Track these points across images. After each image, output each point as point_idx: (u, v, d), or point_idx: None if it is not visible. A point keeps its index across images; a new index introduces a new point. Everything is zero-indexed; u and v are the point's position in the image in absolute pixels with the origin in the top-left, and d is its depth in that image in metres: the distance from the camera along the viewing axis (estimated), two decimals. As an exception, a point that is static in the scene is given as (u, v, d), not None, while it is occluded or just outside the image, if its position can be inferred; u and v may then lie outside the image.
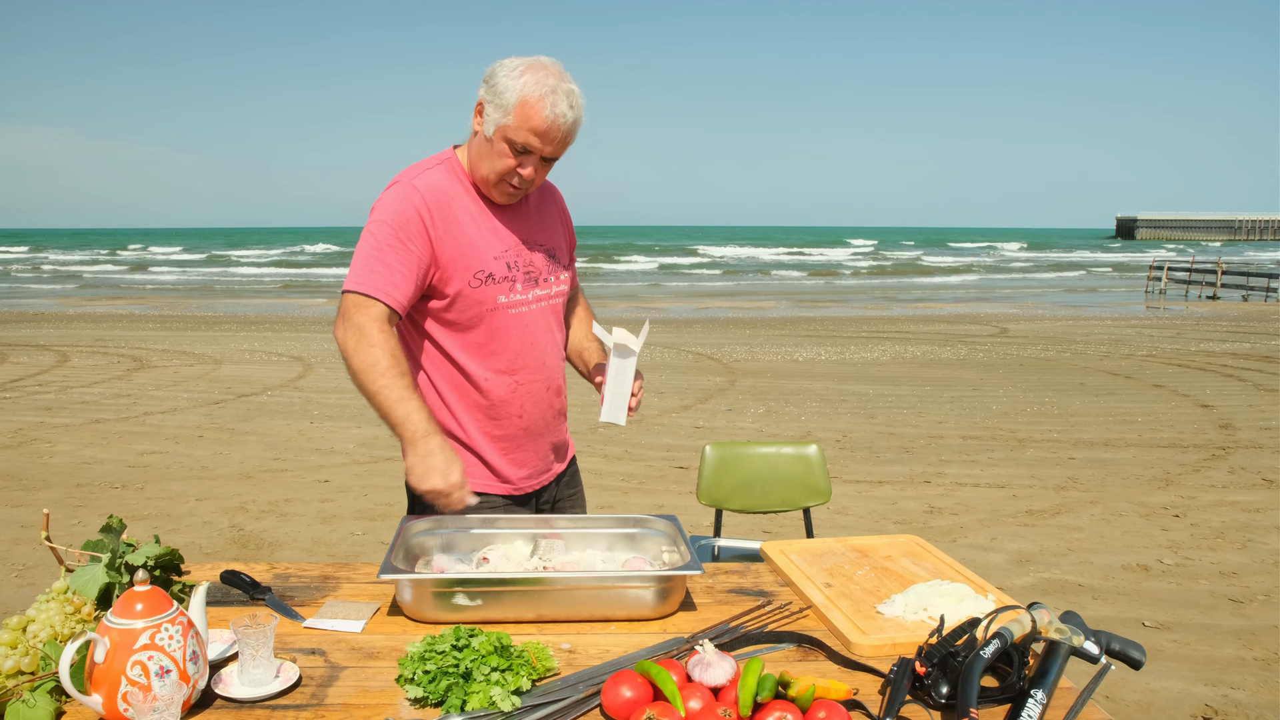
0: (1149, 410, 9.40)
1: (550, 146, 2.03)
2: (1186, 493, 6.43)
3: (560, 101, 1.98)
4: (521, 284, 2.18)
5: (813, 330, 17.77)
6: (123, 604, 1.40)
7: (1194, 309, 23.41)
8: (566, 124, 2.01)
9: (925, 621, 1.74)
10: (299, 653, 1.64)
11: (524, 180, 2.08)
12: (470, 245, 2.11)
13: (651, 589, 1.79)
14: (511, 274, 2.16)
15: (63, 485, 6.55)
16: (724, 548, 3.36)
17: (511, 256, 2.17)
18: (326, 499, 6.25)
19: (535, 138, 2.00)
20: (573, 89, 2.02)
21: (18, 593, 4.60)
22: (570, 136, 2.06)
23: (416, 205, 2.07)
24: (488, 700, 1.43)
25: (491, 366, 2.18)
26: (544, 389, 2.27)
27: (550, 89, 1.98)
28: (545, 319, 2.24)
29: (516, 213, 2.22)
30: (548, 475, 2.38)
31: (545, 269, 2.24)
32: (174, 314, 21.84)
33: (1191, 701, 3.55)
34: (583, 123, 2.07)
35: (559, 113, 1.99)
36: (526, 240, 2.21)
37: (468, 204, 2.14)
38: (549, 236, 2.28)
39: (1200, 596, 4.58)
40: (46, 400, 9.89)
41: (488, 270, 2.12)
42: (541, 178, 2.12)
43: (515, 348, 2.19)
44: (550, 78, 1.99)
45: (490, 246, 2.14)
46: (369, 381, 1.98)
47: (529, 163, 2.05)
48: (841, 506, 6.08)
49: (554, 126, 2.00)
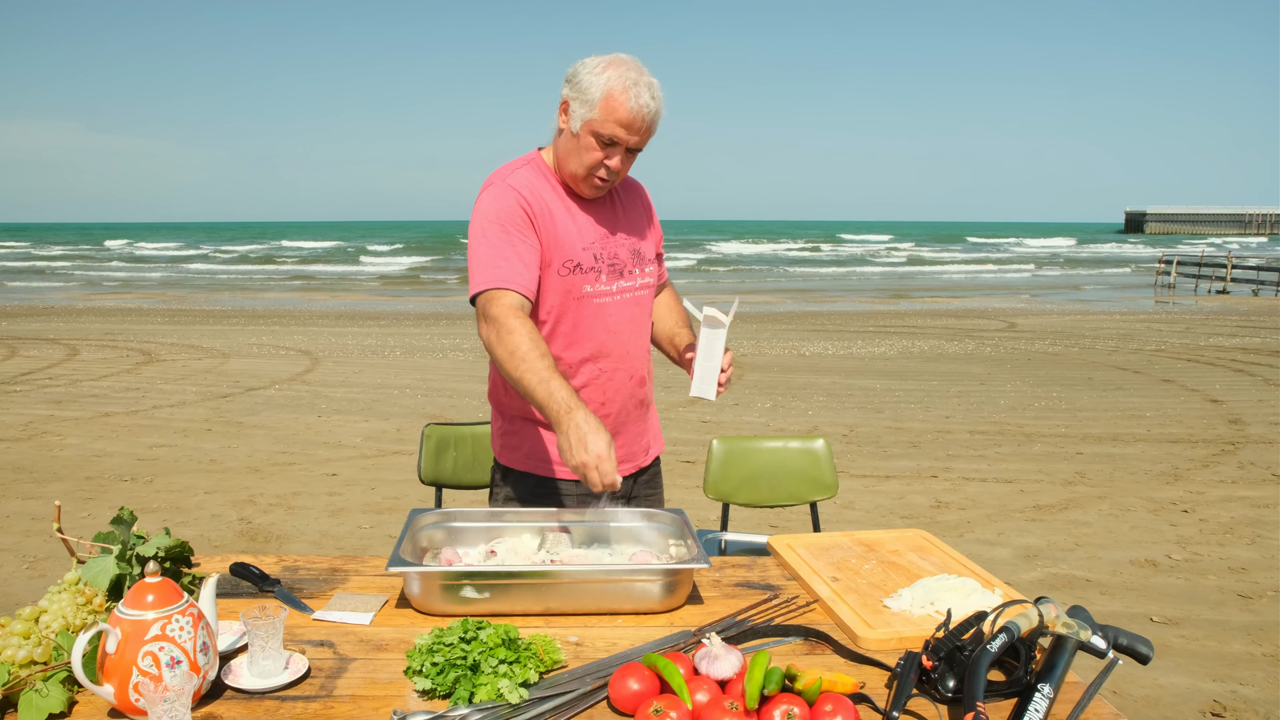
0: (1158, 405, 9.37)
1: (636, 136, 2.10)
2: (1195, 488, 6.41)
3: (643, 93, 2.06)
4: (606, 275, 2.25)
5: (820, 325, 17.74)
6: (134, 595, 1.41)
7: (1203, 303, 23.31)
8: (650, 114, 2.08)
9: (932, 615, 1.75)
10: (308, 644, 1.65)
11: (611, 172, 2.14)
12: (562, 236, 2.19)
13: (659, 582, 1.80)
14: (598, 265, 2.23)
15: (73, 478, 6.58)
16: (731, 542, 3.37)
17: (597, 249, 2.24)
18: (334, 492, 6.27)
19: (621, 129, 2.07)
20: (653, 81, 2.09)
21: (29, 584, 4.63)
22: (653, 127, 2.12)
23: (516, 200, 2.16)
24: (495, 692, 1.43)
25: (576, 355, 2.24)
26: (626, 378, 2.32)
27: (633, 81, 2.05)
28: (629, 310, 2.30)
29: (603, 209, 2.28)
30: (629, 466, 2.40)
31: (629, 262, 2.30)
32: (182, 308, 21.91)
33: (1200, 697, 3.55)
34: (663, 114, 2.13)
35: (643, 103, 2.05)
36: (612, 235, 2.28)
37: (557, 199, 2.22)
38: (634, 232, 2.34)
39: (1209, 592, 4.57)
40: (56, 394, 9.94)
41: (575, 260, 2.20)
42: (627, 169, 2.19)
43: (599, 336, 2.25)
44: (631, 71, 2.07)
45: (578, 238, 2.21)
46: (512, 369, 1.98)
47: (615, 154, 2.12)
48: (848, 501, 6.08)
49: (638, 117, 2.06)
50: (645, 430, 2.46)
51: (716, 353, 2.21)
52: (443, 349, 13.70)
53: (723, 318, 2.19)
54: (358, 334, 15.80)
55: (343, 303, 23.96)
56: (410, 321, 18.31)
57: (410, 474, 6.62)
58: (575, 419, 1.87)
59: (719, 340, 2.20)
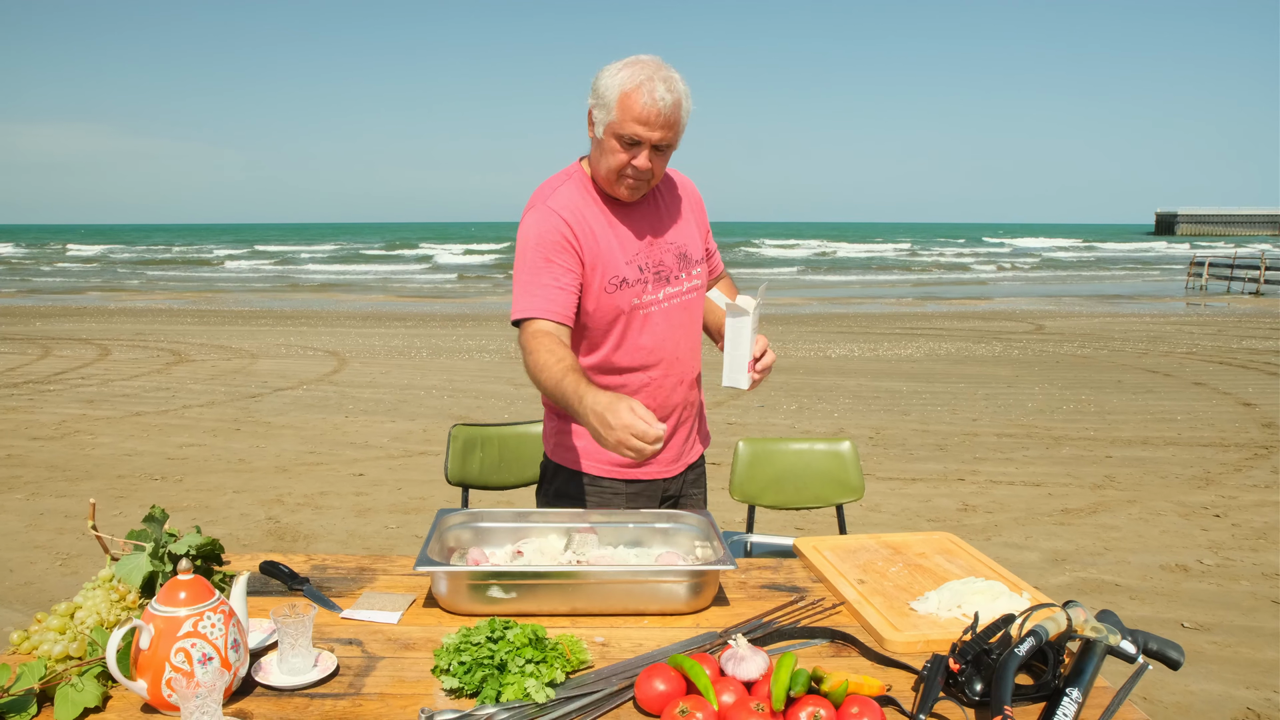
0: (1189, 408, 9.26)
1: (657, 132, 2.08)
2: (1228, 492, 6.32)
3: (657, 87, 2.04)
4: (653, 284, 2.25)
5: (845, 326, 17.66)
6: (167, 592, 1.43)
7: (1236, 305, 22.99)
8: (666, 107, 2.05)
9: (959, 619, 1.74)
10: (337, 642, 1.66)
11: (640, 172, 2.13)
12: (606, 253, 2.20)
13: (685, 583, 1.80)
14: (644, 275, 2.24)
15: (104, 476, 6.67)
16: (757, 543, 3.36)
17: (643, 259, 2.24)
18: (361, 492, 6.31)
19: (639, 126, 2.06)
20: (671, 75, 2.07)
21: (62, 580, 4.70)
22: (674, 120, 2.09)
23: (556, 224, 2.17)
24: (522, 692, 1.44)
25: (627, 364, 2.27)
26: (677, 383, 2.34)
27: (646, 77, 2.05)
28: (678, 316, 2.31)
29: (645, 215, 2.28)
30: (678, 465, 2.42)
31: (675, 267, 2.29)
32: (211, 308, 22.14)
33: (1233, 704, 3.50)
34: (689, 108, 2.12)
35: (657, 97, 2.04)
36: (656, 241, 2.28)
37: (598, 214, 2.23)
38: (679, 235, 2.33)
39: (1242, 598, 4.51)
40: (88, 393, 10.07)
41: (621, 275, 2.21)
42: (661, 168, 2.16)
43: (649, 346, 2.27)
44: (645, 68, 2.06)
45: (623, 252, 2.22)
46: (542, 381, 2.04)
47: (640, 153, 2.10)
48: (874, 503, 6.05)
49: (653, 111, 2.05)
50: (695, 430, 2.48)
51: (744, 340, 2.17)
52: (469, 350, 13.77)
53: (747, 305, 2.15)
54: (384, 335, 15.91)
55: (369, 304, 24.13)
56: (437, 323, 18.41)
57: (436, 474, 6.66)
58: (586, 404, 1.86)
59: (745, 328, 2.16)
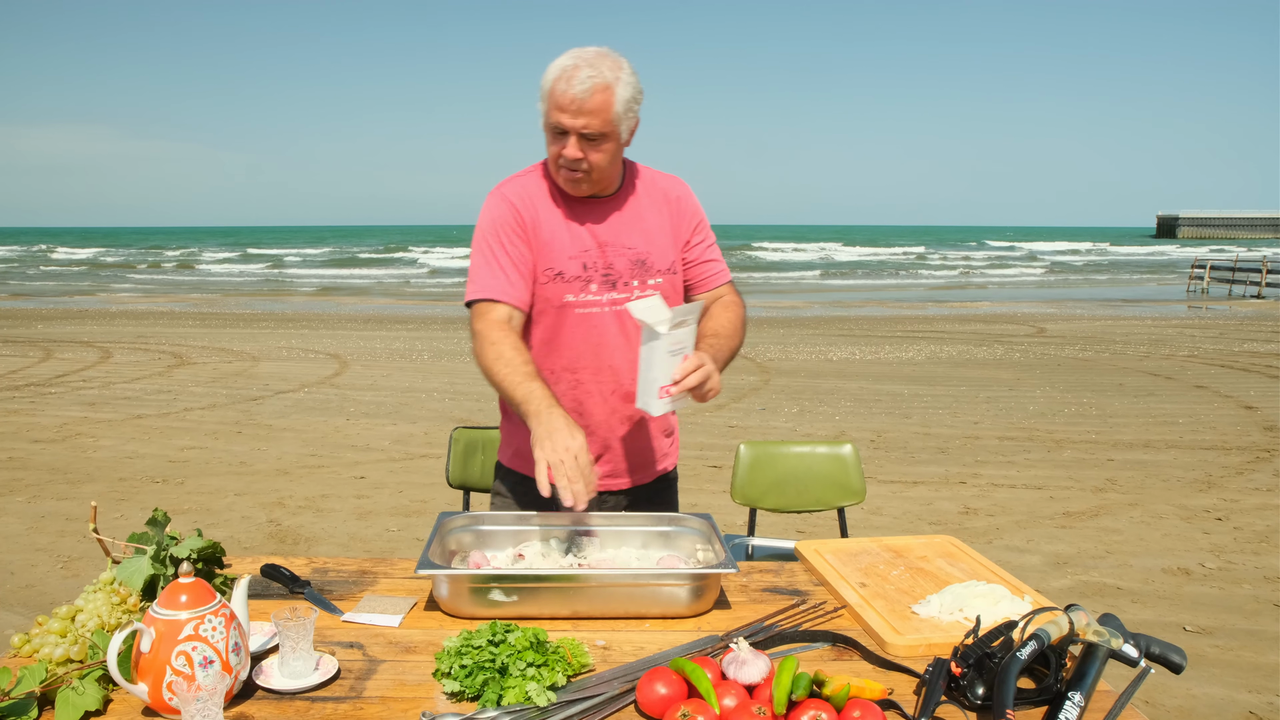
0: (1190, 411, 9.25)
1: (580, 119, 2.01)
2: (1229, 495, 6.32)
3: (580, 73, 1.98)
4: (598, 285, 2.19)
5: (847, 329, 17.66)
6: (168, 595, 1.43)
7: (1237, 308, 22.98)
8: (584, 93, 1.98)
9: (961, 622, 1.73)
10: (338, 646, 1.66)
11: (570, 161, 2.07)
12: (547, 243, 2.17)
13: (686, 587, 1.80)
14: (586, 274, 2.18)
15: (106, 479, 6.67)
16: (758, 547, 3.36)
17: (590, 258, 2.19)
18: (362, 495, 6.31)
19: (563, 114, 2.01)
20: (601, 63, 2.00)
21: (63, 583, 4.70)
22: (596, 107, 2.01)
23: (507, 209, 2.18)
24: (524, 695, 1.44)
25: (553, 363, 2.23)
26: (609, 392, 2.25)
27: (573, 64, 1.99)
28: (621, 323, 2.22)
29: (606, 214, 2.22)
30: (618, 482, 2.33)
31: (627, 273, 2.21)
32: (213, 311, 22.16)
33: (1235, 708, 3.49)
34: (628, 96, 2.04)
35: (576, 83, 1.98)
36: (611, 243, 2.21)
37: (550, 206, 2.20)
38: (642, 241, 2.24)
39: (1244, 601, 4.50)
40: (90, 396, 10.08)
41: (558, 268, 2.17)
42: (600, 160, 2.08)
43: (577, 348, 2.22)
44: (577, 57, 2.01)
45: (567, 246, 2.18)
46: (493, 375, 2.05)
47: (567, 142, 2.05)
48: (876, 507, 6.04)
49: (570, 98, 1.99)
50: (642, 449, 2.35)
51: (655, 361, 2.00)
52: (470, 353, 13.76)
53: (658, 323, 1.98)
54: (385, 338, 15.91)
55: (370, 306, 24.14)
56: (438, 325, 18.42)
57: (438, 477, 6.66)
58: (554, 416, 1.90)
59: (657, 350, 1.99)
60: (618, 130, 2.07)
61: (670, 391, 2.01)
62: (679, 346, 2.01)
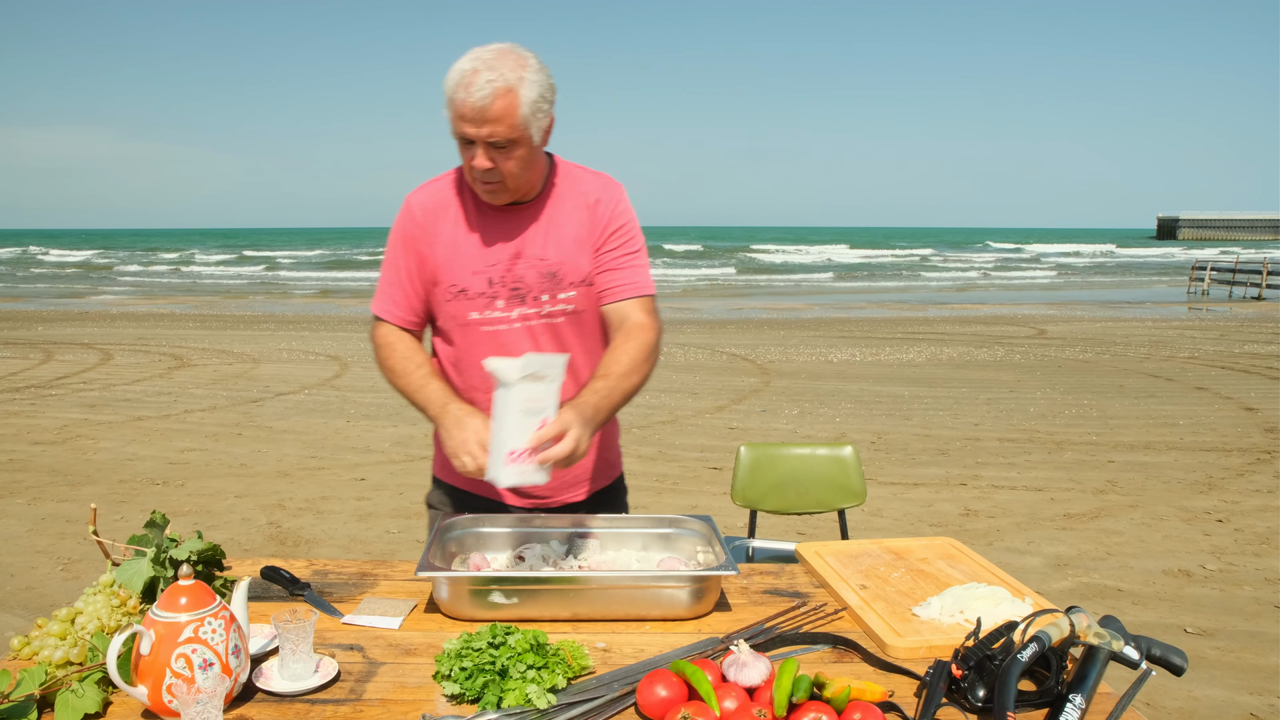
0: (1191, 413, 9.25)
1: (485, 128, 1.86)
2: (1230, 497, 6.31)
3: (478, 77, 1.83)
4: (505, 301, 2.07)
5: (847, 331, 17.66)
6: (167, 598, 1.43)
7: (1238, 310, 22.98)
8: (485, 98, 1.83)
9: (961, 624, 1.73)
10: (338, 648, 1.66)
11: (482, 172, 1.93)
12: (450, 258, 2.07)
13: (687, 589, 1.80)
14: (492, 290, 2.06)
15: (106, 481, 6.67)
16: (758, 549, 3.36)
17: (497, 272, 2.06)
18: (363, 497, 6.31)
19: (464, 123, 1.88)
20: (502, 62, 1.85)
21: (63, 585, 4.69)
22: (500, 111, 1.85)
23: (406, 222, 2.11)
24: (524, 698, 1.44)
25: (466, 381, 2.16)
26: None
27: (470, 69, 1.85)
28: (532, 340, 2.09)
29: (520, 225, 2.07)
30: (548, 500, 2.25)
31: (536, 286, 2.06)
32: (213, 313, 22.17)
33: (1236, 710, 3.49)
34: (535, 96, 1.88)
35: (473, 89, 1.83)
36: (521, 254, 2.06)
37: (459, 216, 2.08)
38: (554, 251, 2.07)
39: (1245, 603, 4.50)
40: (90, 397, 10.08)
41: (460, 285, 2.07)
42: (514, 167, 1.94)
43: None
44: (473, 60, 1.86)
45: (472, 260, 2.06)
46: (394, 384, 2.08)
47: (475, 152, 1.91)
48: (876, 508, 6.04)
49: (470, 106, 1.84)
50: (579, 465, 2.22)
51: (504, 422, 1.74)
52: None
53: (508, 374, 1.73)
54: (386, 340, 15.90)
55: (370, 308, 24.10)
56: (438, 327, 18.41)
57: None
58: (450, 410, 1.93)
59: (509, 405, 1.74)
60: (527, 134, 1.91)
61: (522, 459, 1.75)
62: (534, 405, 1.75)
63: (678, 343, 15.39)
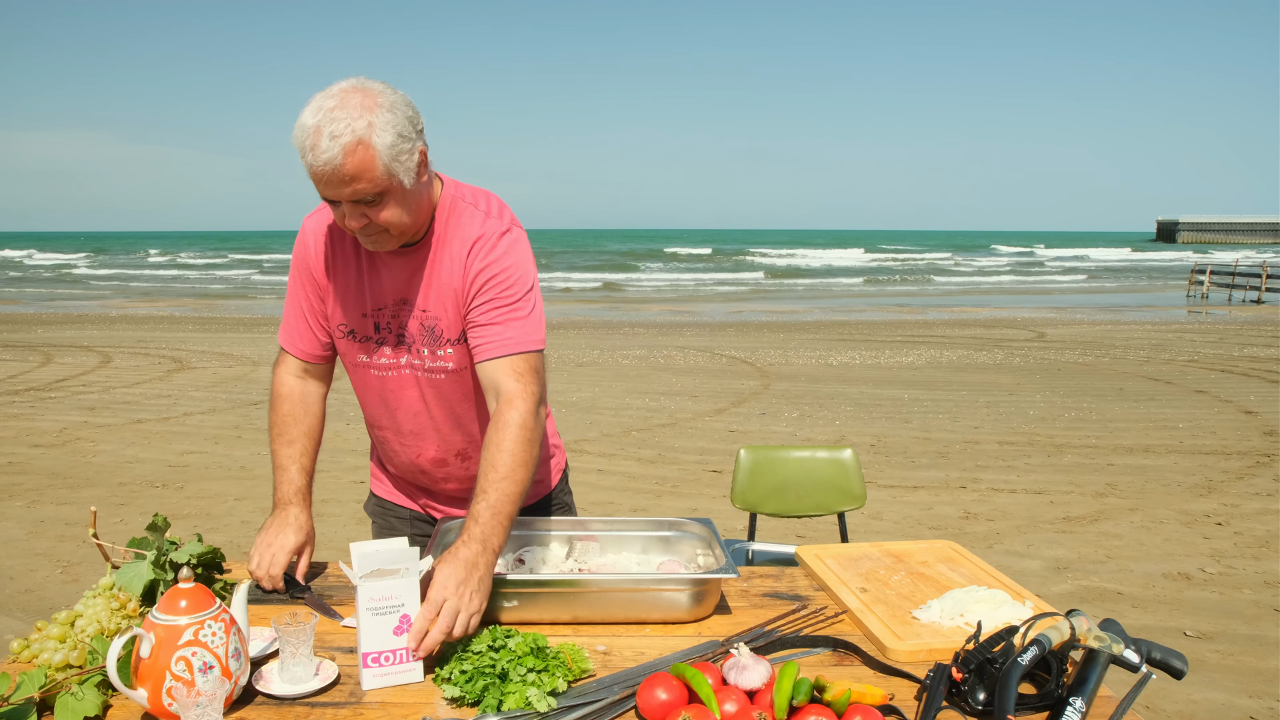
0: (1190, 416, 9.25)
1: (345, 189, 1.67)
2: (1230, 500, 6.32)
3: (321, 137, 1.63)
4: (392, 349, 1.96)
5: (847, 334, 17.67)
6: (167, 601, 1.43)
7: (1237, 313, 23.00)
8: (334, 158, 1.63)
9: (962, 627, 1.73)
10: (338, 651, 1.66)
11: (357, 230, 1.76)
12: (341, 294, 1.96)
13: (686, 592, 1.79)
14: (381, 335, 1.95)
15: (105, 484, 6.67)
16: (758, 551, 3.36)
17: (386, 316, 1.94)
18: (363, 499, 6.30)
19: (322, 186, 1.69)
20: (342, 111, 1.64)
21: (63, 588, 4.69)
22: (355, 169, 1.65)
23: (301, 250, 1.99)
24: (524, 701, 1.44)
25: (370, 417, 2.15)
26: (415, 455, 2.11)
27: (313, 127, 1.64)
28: (416, 388, 2.00)
29: (405, 268, 1.90)
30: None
31: (419, 338, 1.93)
32: (213, 316, 22.16)
33: (1236, 713, 3.49)
34: (390, 142, 1.67)
35: (321, 149, 1.63)
36: (407, 301, 1.91)
37: (351, 253, 1.94)
38: (434, 304, 1.90)
39: (1244, 606, 4.50)
40: (90, 400, 10.08)
41: (350, 325, 1.97)
42: (390, 216, 1.74)
43: (376, 406, 2.08)
44: (315, 114, 1.65)
45: (363, 301, 1.94)
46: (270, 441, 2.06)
47: (342, 211, 1.73)
48: (876, 511, 6.04)
49: (320, 170, 1.65)
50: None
51: (360, 623, 1.53)
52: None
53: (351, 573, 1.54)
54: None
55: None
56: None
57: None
58: (279, 512, 1.94)
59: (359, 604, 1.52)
60: (394, 182, 1.70)
61: (381, 661, 1.53)
62: (385, 604, 1.53)
63: (677, 346, 15.40)
